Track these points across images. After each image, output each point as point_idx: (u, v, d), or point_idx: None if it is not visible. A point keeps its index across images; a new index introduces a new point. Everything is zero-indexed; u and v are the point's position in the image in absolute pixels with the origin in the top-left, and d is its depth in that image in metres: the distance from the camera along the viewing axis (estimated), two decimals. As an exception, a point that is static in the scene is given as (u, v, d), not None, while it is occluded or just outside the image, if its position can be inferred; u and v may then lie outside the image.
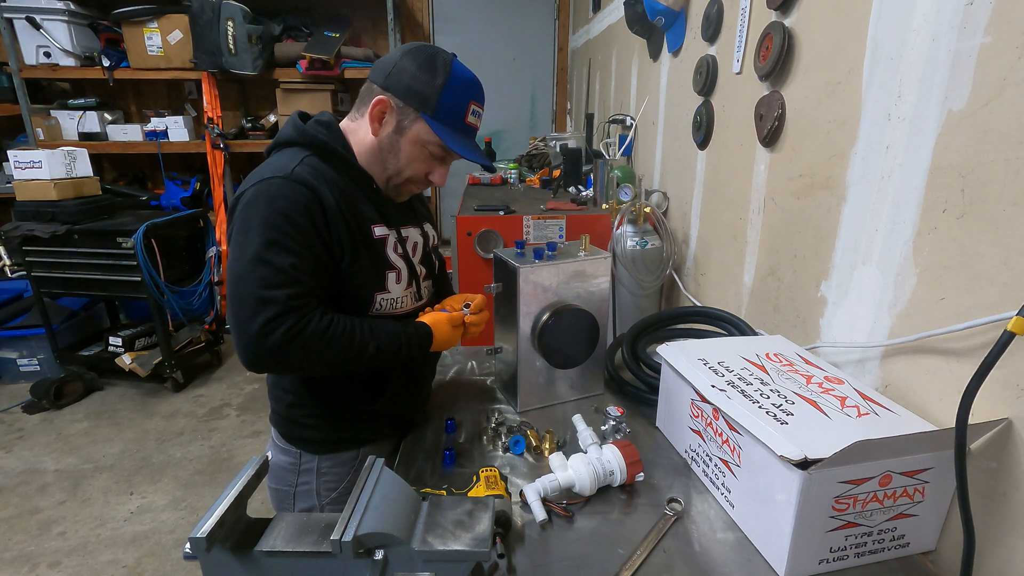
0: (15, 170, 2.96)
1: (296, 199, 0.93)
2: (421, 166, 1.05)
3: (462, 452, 1.10)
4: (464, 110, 1.01)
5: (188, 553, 0.62)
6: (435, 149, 1.03)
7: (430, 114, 0.99)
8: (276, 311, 0.90)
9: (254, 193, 0.94)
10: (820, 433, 0.79)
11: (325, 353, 0.95)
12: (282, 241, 0.91)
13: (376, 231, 1.04)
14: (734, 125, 1.57)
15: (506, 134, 5.09)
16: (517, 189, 3.01)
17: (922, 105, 0.89)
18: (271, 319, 0.89)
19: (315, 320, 0.94)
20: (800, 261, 1.24)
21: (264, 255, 0.90)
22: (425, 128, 1.00)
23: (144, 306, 3.26)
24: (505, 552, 0.82)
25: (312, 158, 1.00)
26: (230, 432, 2.87)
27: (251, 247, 0.91)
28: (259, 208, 0.92)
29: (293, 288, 0.91)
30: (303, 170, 0.96)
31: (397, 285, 1.08)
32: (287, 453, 1.13)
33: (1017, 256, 0.74)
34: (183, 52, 3.67)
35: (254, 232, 0.91)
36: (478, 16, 4.86)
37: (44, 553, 2.10)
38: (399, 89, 0.99)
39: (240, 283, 0.91)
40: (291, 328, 0.91)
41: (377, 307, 1.06)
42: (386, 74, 1.00)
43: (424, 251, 1.17)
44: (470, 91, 1.02)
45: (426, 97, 0.98)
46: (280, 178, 0.94)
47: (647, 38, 2.38)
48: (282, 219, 0.92)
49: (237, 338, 0.92)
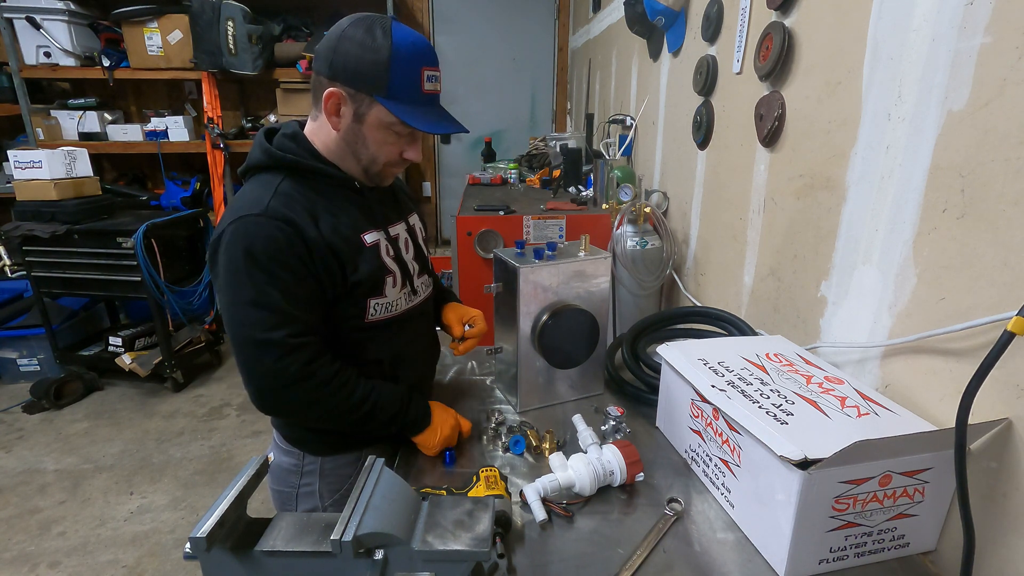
0: (15, 170, 2.96)
1: (275, 236, 0.91)
2: (393, 148, 1.01)
3: (462, 452, 1.10)
4: (418, 80, 0.94)
5: (188, 553, 0.62)
6: (400, 129, 0.97)
7: (384, 95, 0.93)
8: (279, 352, 0.91)
9: (232, 234, 0.91)
10: (820, 433, 0.79)
11: (331, 398, 0.97)
12: (270, 281, 0.91)
13: (367, 239, 1.02)
14: (734, 125, 1.57)
15: (506, 134, 5.09)
16: (517, 189, 3.01)
17: (922, 105, 0.89)
18: (277, 359, 0.91)
19: (326, 365, 0.95)
20: (800, 261, 1.24)
21: (255, 298, 0.90)
22: (383, 111, 0.94)
23: (144, 306, 3.26)
24: (505, 552, 0.82)
25: (286, 182, 0.97)
26: (230, 432, 2.87)
27: (242, 291, 0.90)
28: (240, 249, 0.90)
29: (291, 327, 0.92)
30: (278, 202, 0.93)
31: (393, 288, 1.06)
32: (289, 455, 1.13)
33: (1017, 256, 0.74)
34: (183, 52, 3.67)
35: (241, 274, 0.90)
36: (478, 16, 4.86)
37: (44, 553, 2.10)
38: (346, 76, 0.93)
39: (238, 329, 0.92)
40: (301, 368, 0.92)
41: (372, 312, 1.04)
42: (329, 62, 0.93)
43: (415, 246, 1.15)
44: (419, 58, 0.94)
45: (375, 78, 0.92)
46: (255, 215, 0.91)
47: (647, 38, 2.38)
48: (266, 258, 0.90)
49: (247, 380, 0.94)
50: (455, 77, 4.94)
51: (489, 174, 3.20)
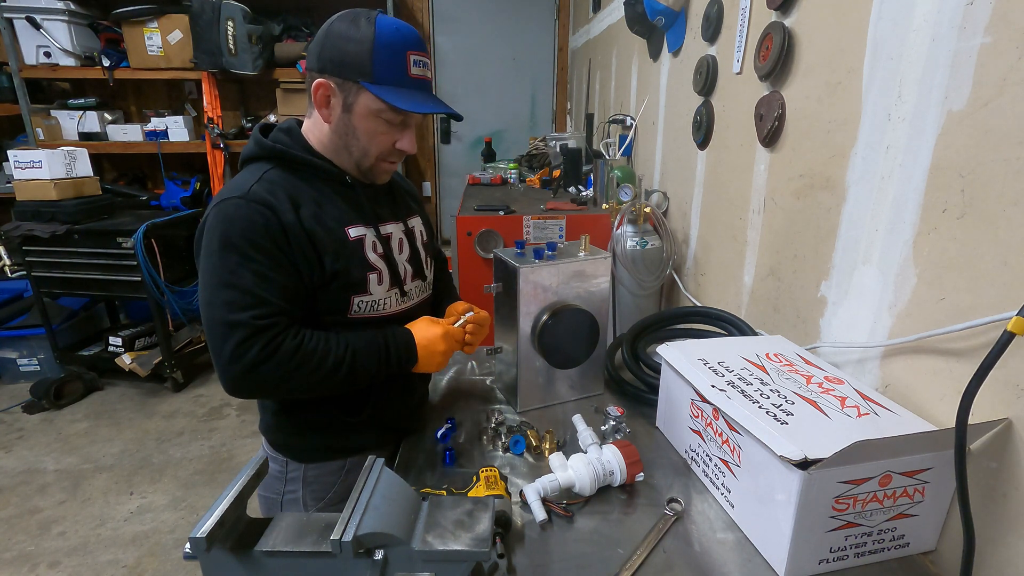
0: (15, 170, 2.96)
1: (253, 219, 0.92)
2: (384, 138, 1.00)
3: (462, 452, 1.10)
4: (404, 64, 0.95)
5: (188, 553, 0.62)
6: (390, 116, 0.97)
7: (370, 80, 0.94)
8: (244, 334, 0.90)
9: (213, 216, 0.93)
10: (820, 433, 0.79)
11: (300, 371, 0.94)
12: (244, 263, 0.91)
13: (351, 232, 1.01)
14: (734, 125, 1.57)
15: (506, 134, 5.09)
16: (517, 189, 3.01)
17: (922, 105, 0.89)
18: (240, 342, 0.90)
19: (288, 339, 0.93)
20: (800, 261, 1.24)
21: (228, 279, 0.91)
22: (370, 97, 0.95)
23: (144, 306, 3.26)
24: (505, 552, 0.82)
25: (273, 171, 0.99)
26: (230, 432, 2.87)
27: (215, 272, 0.91)
28: (218, 232, 0.92)
29: (259, 309, 0.91)
30: (261, 187, 0.95)
31: (379, 287, 1.05)
32: (275, 461, 1.12)
33: (1017, 256, 0.74)
34: (183, 52, 3.67)
35: (216, 256, 0.91)
36: (478, 16, 4.86)
37: (44, 553, 2.10)
38: (333, 67, 0.95)
39: (209, 309, 0.92)
40: (262, 349, 0.90)
41: (355, 309, 1.03)
42: (317, 56, 0.96)
43: (412, 248, 1.13)
44: (404, 42, 0.95)
45: (359, 64, 0.93)
46: (236, 198, 0.93)
47: (647, 38, 2.38)
48: (242, 240, 0.91)
49: (215, 363, 0.92)
50: (455, 77, 4.94)
51: (489, 174, 3.20)
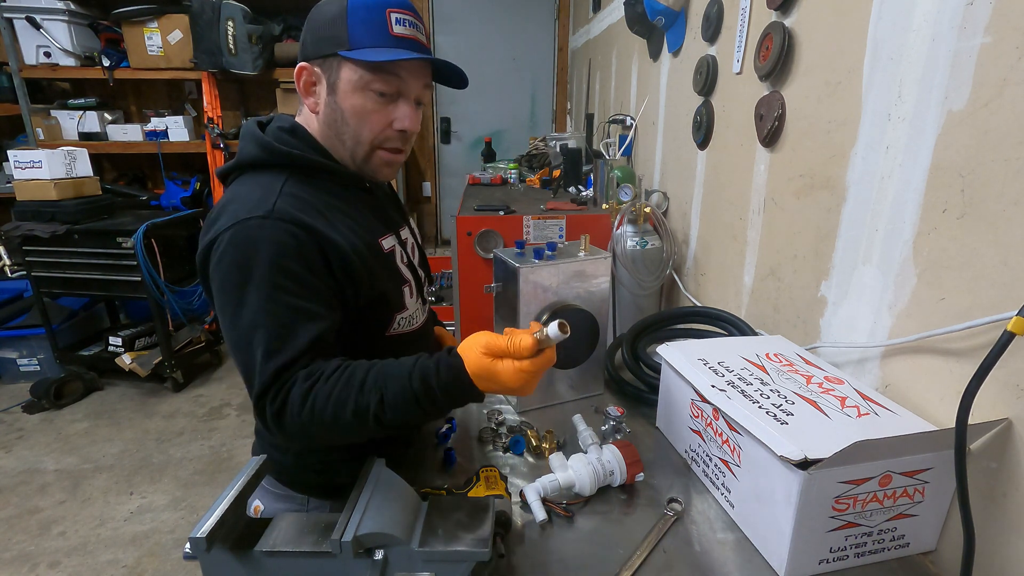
0: (15, 170, 2.96)
1: (284, 241, 0.77)
2: (376, 117, 0.87)
3: (462, 452, 1.10)
4: (384, 22, 0.83)
5: (188, 553, 0.63)
6: (377, 85, 0.85)
7: (346, 48, 0.82)
8: (282, 381, 0.75)
9: (231, 240, 0.77)
10: (820, 433, 0.79)
11: (318, 429, 0.75)
12: (280, 297, 0.76)
13: (385, 244, 0.92)
14: (734, 125, 1.57)
15: (506, 134, 5.09)
16: (517, 189, 3.01)
17: (922, 105, 0.89)
18: (260, 395, 0.76)
19: (326, 372, 0.76)
20: (800, 261, 1.24)
21: (255, 320, 0.76)
22: (351, 67, 0.84)
23: (144, 306, 3.25)
24: (505, 552, 0.82)
25: (291, 183, 0.84)
26: (230, 432, 2.87)
27: (246, 310, 0.76)
28: (242, 260, 0.77)
29: (291, 352, 0.76)
30: (286, 203, 0.80)
31: (411, 299, 0.96)
32: (291, 499, 1.00)
33: (1017, 256, 0.74)
34: (183, 52, 3.67)
35: (251, 289, 0.76)
36: (478, 16, 4.87)
37: (44, 553, 2.10)
38: (312, 50, 0.86)
39: (243, 354, 0.77)
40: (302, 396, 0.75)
41: (396, 327, 0.94)
42: (300, 46, 0.89)
43: (420, 253, 1.10)
44: (381, 1, 0.84)
45: (335, 34, 0.83)
46: (259, 218, 0.78)
47: (647, 38, 2.38)
48: (273, 270, 0.76)
49: (256, 411, 0.79)
50: (455, 77, 4.93)
51: (489, 174, 3.20)
